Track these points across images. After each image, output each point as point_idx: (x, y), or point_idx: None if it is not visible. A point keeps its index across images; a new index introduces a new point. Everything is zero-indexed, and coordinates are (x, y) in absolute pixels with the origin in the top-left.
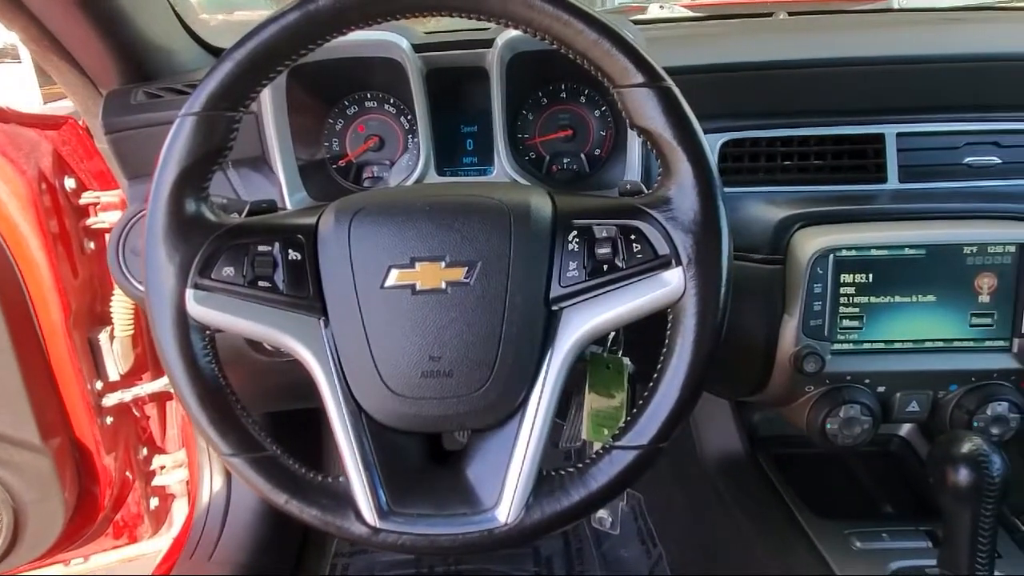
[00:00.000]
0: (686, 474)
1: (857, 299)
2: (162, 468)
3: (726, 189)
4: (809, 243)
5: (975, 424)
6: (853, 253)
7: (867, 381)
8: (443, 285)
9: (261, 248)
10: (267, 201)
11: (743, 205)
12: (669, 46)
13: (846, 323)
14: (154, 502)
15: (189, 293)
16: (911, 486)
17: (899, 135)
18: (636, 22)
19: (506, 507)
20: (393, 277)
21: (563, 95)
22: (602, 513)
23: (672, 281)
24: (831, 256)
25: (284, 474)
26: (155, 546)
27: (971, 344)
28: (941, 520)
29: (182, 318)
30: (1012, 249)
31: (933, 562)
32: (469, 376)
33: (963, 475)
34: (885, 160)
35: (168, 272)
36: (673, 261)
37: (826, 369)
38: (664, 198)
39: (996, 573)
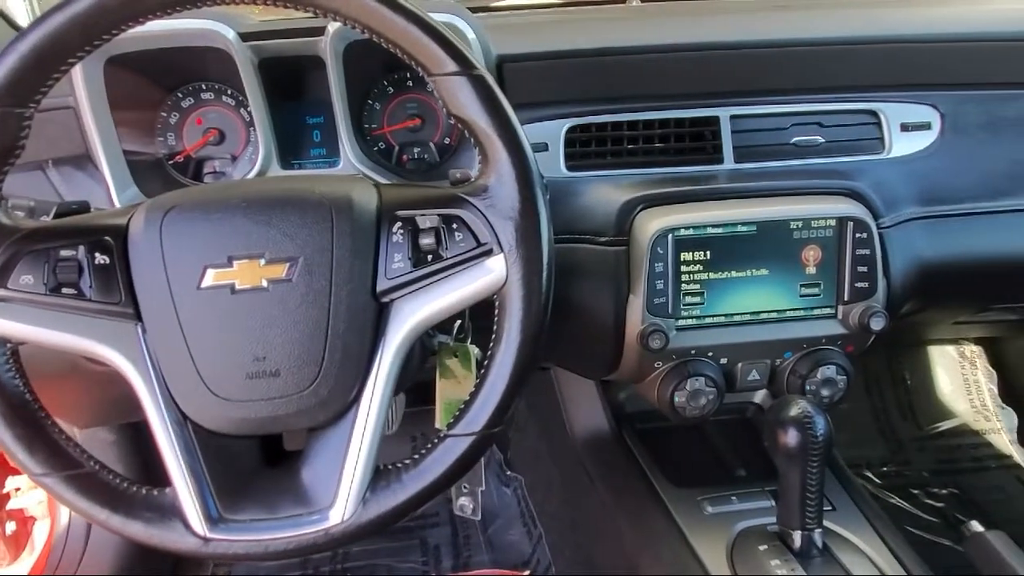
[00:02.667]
0: (561, 454)
1: (698, 276)
2: (17, 490)
3: (574, 174)
4: (650, 224)
5: (808, 388)
6: (691, 232)
7: (710, 354)
8: (264, 283)
9: (64, 253)
10: (78, 202)
11: (590, 189)
12: (521, 32)
13: (688, 299)
14: (10, 527)
15: None
16: (762, 450)
17: (732, 117)
18: (495, 9)
19: (342, 504)
20: (210, 277)
21: (409, 83)
22: (463, 500)
23: (495, 269)
24: (670, 235)
25: (103, 490)
26: (17, 572)
27: (802, 313)
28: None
29: None
30: (833, 223)
31: (774, 519)
32: (297, 375)
33: (791, 436)
34: (721, 142)
35: None
36: (495, 249)
37: (671, 345)
38: (483, 186)
39: (827, 523)
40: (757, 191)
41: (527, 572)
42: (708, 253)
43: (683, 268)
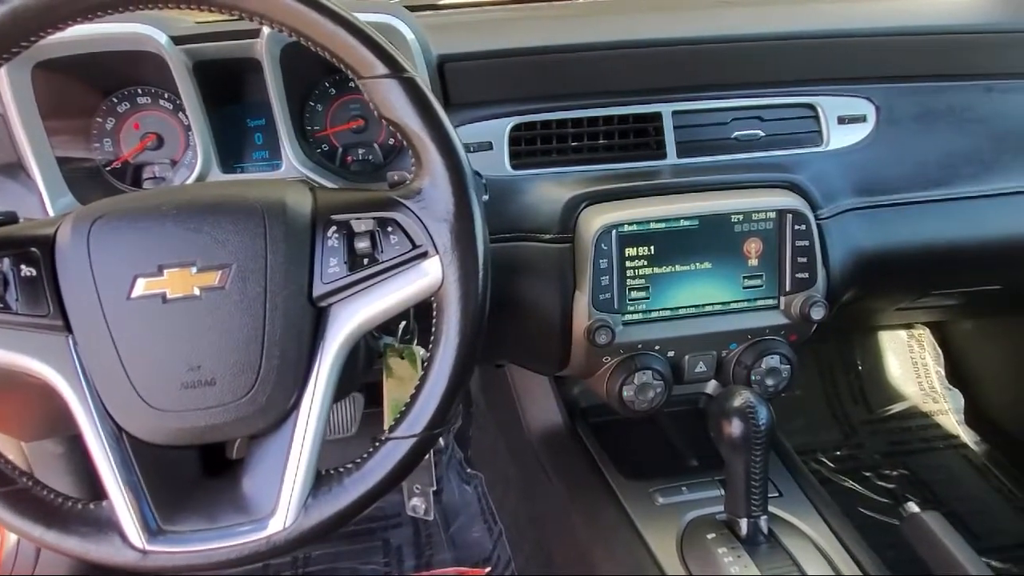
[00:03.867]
0: (518, 450)
1: (642, 271)
2: None
3: (519, 172)
4: (594, 220)
5: (753, 378)
6: (635, 228)
7: (657, 348)
8: (196, 292)
9: None
10: (4, 213)
11: (535, 187)
12: (462, 31)
13: (634, 294)
14: None
15: None
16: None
17: (675, 113)
18: (436, 7)
19: (283, 511)
20: (140, 287)
21: (352, 84)
22: (415, 501)
23: (431, 271)
24: (614, 231)
25: (37, 506)
26: None
27: (745, 305)
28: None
29: None
30: (773, 215)
31: (723, 508)
32: (233, 383)
33: (735, 426)
34: (664, 137)
35: None
36: (430, 251)
37: (618, 340)
38: (417, 189)
39: (774, 510)
40: (699, 186)
41: (488, 569)
42: (652, 248)
43: (628, 263)
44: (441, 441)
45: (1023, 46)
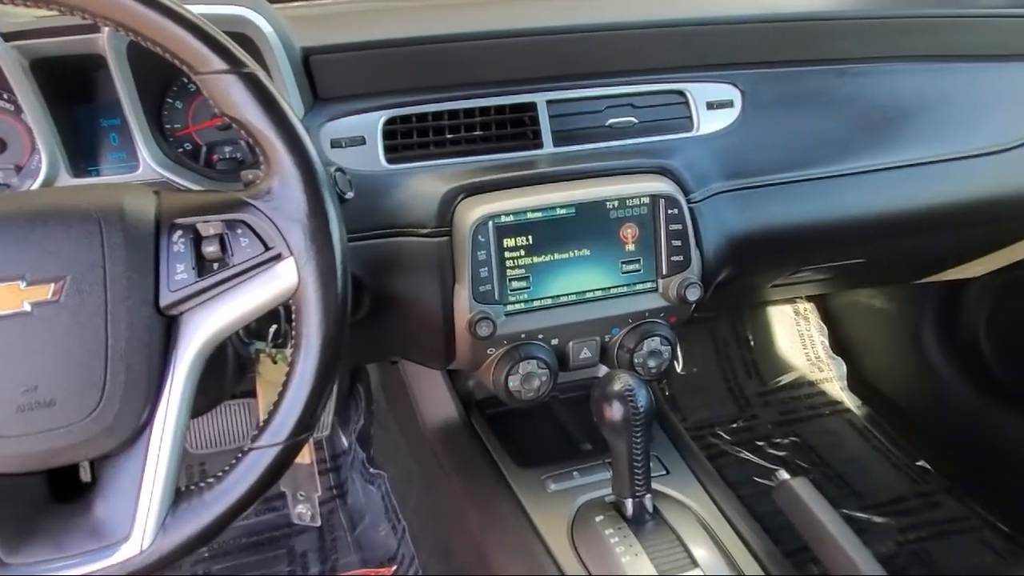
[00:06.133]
0: (417, 446)
1: (522, 261)
2: None
3: (394, 166)
4: (470, 213)
5: (636, 360)
6: (512, 218)
7: (540, 336)
8: (26, 307)
9: None
10: None
11: (411, 181)
12: (329, 23)
13: (515, 285)
14: None
15: None
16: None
17: (549, 102)
18: None
19: (140, 533)
20: None
21: None
22: (300, 508)
23: (285, 274)
24: (490, 223)
25: None
26: None
27: (625, 290)
28: None
29: None
30: (646, 201)
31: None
32: (76, 402)
33: (615, 410)
34: (540, 127)
35: None
36: (284, 253)
37: (500, 331)
38: (267, 189)
39: (660, 487)
40: (574, 174)
41: (393, 568)
42: (530, 238)
43: (507, 254)
44: (344, 442)
45: (870, 31)
